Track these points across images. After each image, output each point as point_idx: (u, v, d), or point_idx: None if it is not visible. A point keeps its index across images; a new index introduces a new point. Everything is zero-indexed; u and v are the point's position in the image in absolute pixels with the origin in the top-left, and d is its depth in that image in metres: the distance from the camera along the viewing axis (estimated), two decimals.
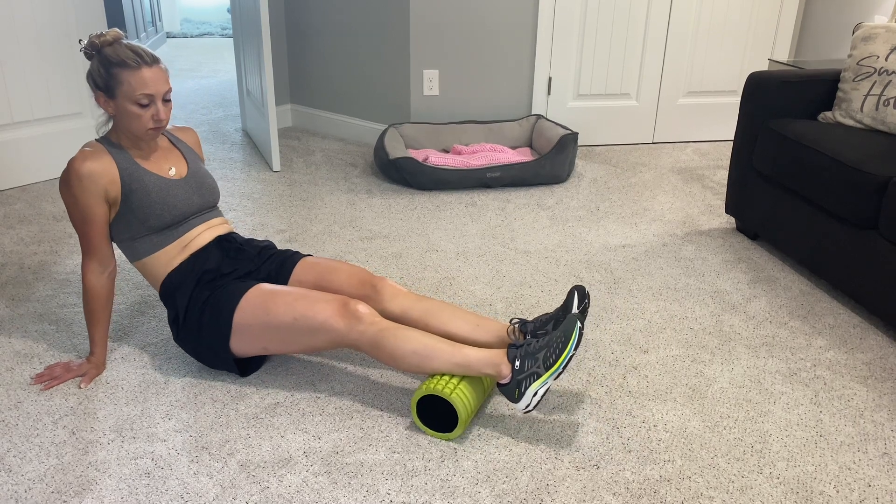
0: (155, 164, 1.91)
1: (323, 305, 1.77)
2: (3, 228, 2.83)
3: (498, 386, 1.70)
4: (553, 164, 3.29)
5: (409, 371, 1.75)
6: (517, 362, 1.67)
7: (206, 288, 1.88)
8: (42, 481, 1.58)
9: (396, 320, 1.90)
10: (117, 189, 1.83)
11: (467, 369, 1.71)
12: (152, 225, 1.87)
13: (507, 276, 2.52)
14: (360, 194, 3.23)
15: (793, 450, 1.71)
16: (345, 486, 1.58)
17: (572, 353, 1.62)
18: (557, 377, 1.70)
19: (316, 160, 3.67)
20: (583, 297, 1.82)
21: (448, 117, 3.76)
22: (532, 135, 3.70)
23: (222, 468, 1.62)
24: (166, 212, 1.88)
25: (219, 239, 1.98)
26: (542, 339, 1.67)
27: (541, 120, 3.66)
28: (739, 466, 1.65)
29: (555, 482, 1.60)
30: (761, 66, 3.92)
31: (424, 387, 1.70)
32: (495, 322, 1.89)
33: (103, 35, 1.80)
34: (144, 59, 1.78)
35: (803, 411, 1.84)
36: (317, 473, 1.61)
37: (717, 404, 1.87)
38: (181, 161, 1.98)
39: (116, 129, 1.88)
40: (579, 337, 1.63)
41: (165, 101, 1.83)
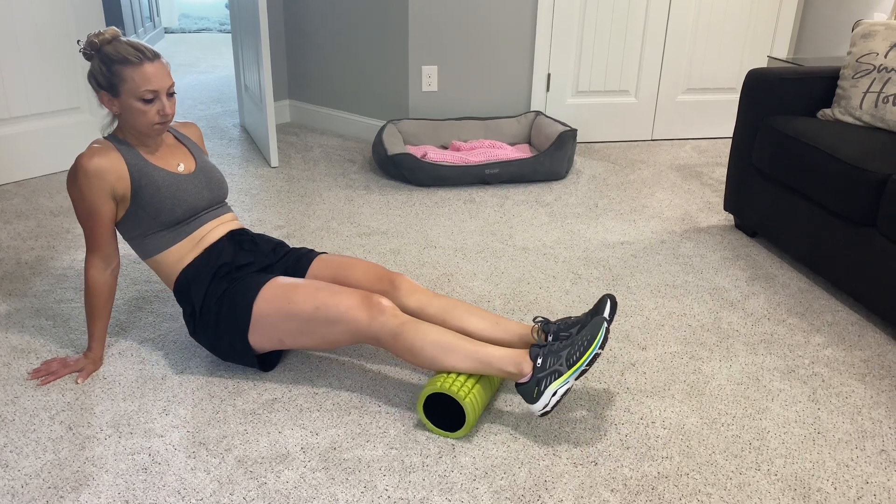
0: (163, 160, 1.91)
1: (346, 296, 1.76)
2: (0, 223, 2.82)
3: (516, 386, 1.69)
4: (552, 161, 3.29)
5: (424, 366, 1.73)
6: (539, 360, 1.65)
7: (224, 281, 1.87)
8: (39, 477, 1.57)
9: (413, 316, 1.88)
10: (126, 185, 1.83)
11: (488, 367, 1.70)
12: (164, 220, 1.86)
13: (506, 272, 2.51)
14: (358, 190, 3.22)
15: (791, 447, 1.71)
16: (342, 482, 1.57)
17: (597, 352, 1.61)
18: (580, 377, 1.68)
19: (314, 156, 3.66)
20: (614, 307, 1.79)
21: (447, 113, 3.75)
22: (531, 131, 3.69)
23: (220, 464, 1.62)
24: (177, 206, 1.87)
25: (231, 233, 1.98)
26: (567, 340, 1.66)
27: (539, 116, 3.66)
28: (737, 463, 1.65)
29: (553, 478, 1.59)
30: (761, 63, 3.92)
31: (438, 384, 1.67)
32: (514, 322, 1.88)
33: (101, 34, 1.79)
34: (146, 55, 1.77)
35: (801, 408, 1.84)
36: (314, 469, 1.61)
37: (715, 401, 1.86)
38: (188, 156, 1.98)
39: (122, 128, 1.87)
40: (605, 338, 1.62)
41: (170, 95, 1.82)
